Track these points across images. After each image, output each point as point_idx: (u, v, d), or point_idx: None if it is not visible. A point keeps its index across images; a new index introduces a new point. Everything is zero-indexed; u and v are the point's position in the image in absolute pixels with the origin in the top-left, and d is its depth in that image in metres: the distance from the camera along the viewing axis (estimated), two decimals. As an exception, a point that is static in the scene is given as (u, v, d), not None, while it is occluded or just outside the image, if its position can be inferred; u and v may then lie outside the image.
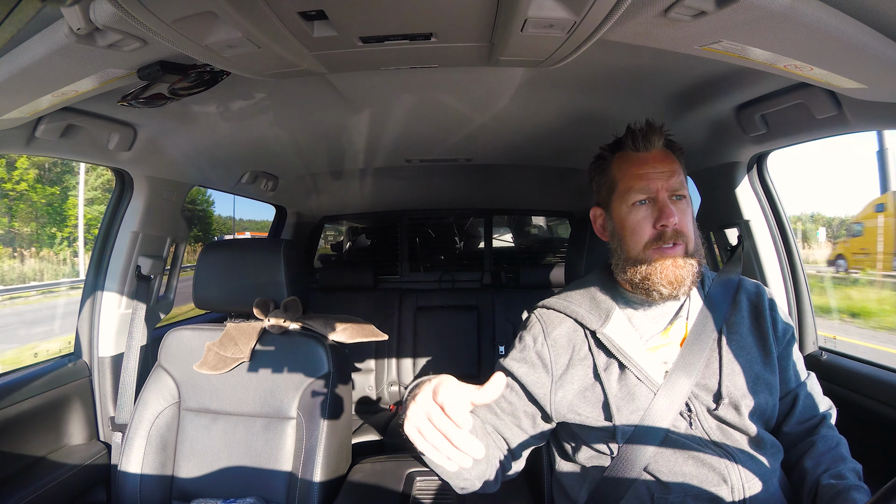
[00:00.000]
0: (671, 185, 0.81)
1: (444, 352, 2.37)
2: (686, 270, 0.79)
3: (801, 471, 0.78)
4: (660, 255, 0.80)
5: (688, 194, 0.84)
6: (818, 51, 0.64)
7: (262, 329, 1.21)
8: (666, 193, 0.81)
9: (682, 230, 0.80)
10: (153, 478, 1.14)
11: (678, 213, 0.80)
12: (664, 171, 0.81)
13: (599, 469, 0.81)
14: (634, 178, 0.83)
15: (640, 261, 0.81)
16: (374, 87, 1.06)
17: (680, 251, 0.80)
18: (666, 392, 0.79)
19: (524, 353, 0.88)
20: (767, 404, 0.80)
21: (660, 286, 0.79)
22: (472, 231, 3.14)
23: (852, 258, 8.35)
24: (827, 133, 1.01)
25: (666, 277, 0.79)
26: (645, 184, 0.81)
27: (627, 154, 0.86)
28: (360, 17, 0.61)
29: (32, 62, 0.67)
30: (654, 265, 0.80)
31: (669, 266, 0.79)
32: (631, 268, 0.82)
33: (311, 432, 1.11)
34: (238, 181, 1.81)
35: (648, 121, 0.85)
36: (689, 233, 0.81)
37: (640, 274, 0.81)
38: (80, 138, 1.11)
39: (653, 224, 0.81)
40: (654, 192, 0.81)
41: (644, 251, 0.81)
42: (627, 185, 0.83)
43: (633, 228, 0.82)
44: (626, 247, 0.83)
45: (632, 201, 0.82)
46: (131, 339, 1.40)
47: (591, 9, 0.55)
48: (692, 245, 0.81)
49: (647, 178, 0.81)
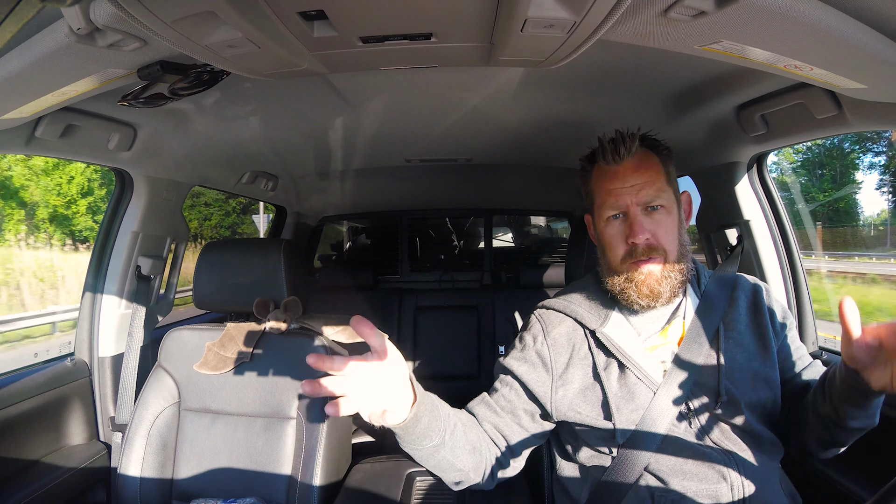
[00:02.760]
0: (641, 198, 0.80)
1: (443, 352, 2.37)
2: (664, 283, 0.79)
3: (813, 392, 0.78)
4: (635, 269, 0.80)
5: (668, 202, 0.82)
6: (818, 51, 0.64)
7: (262, 329, 1.21)
8: (638, 208, 0.80)
9: (656, 244, 0.80)
10: (153, 478, 1.14)
11: (652, 226, 0.80)
12: (635, 185, 0.80)
13: (600, 469, 0.81)
14: (606, 193, 0.83)
15: (618, 273, 0.82)
16: (374, 87, 1.06)
17: (656, 264, 0.79)
18: (665, 391, 0.79)
19: (524, 353, 0.88)
20: (768, 399, 0.81)
21: (637, 298, 0.80)
22: (472, 231, 3.13)
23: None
24: (827, 133, 1.01)
25: (641, 291, 0.79)
26: (614, 199, 0.81)
27: (601, 167, 0.85)
28: (360, 17, 0.61)
29: (32, 62, 0.67)
30: (631, 279, 0.80)
31: (644, 280, 0.79)
32: (611, 278, 0.83)
33: (311, 432, 1.11)
34: (238, 181, 1.81)
35: (618, 131, 0.83)
36: (666, 244, 0.80)
37: (618, 286, 0.82)
38: (80, 138, 1.11)
39: (624, 239, 0.81)
40: (625, 208, 0.81)
41: (621, 264, 0.81)
42: (602, 199, 0.84)
43: (610, 242, 0.83)
44: (607, 258, 0.84)
45: (606, 216, 0.83)
46: (131, 339, 1.40)
47: (591, 9, 0.55)
48: (673, 255, 0.80)
49: (616, 194, 0.81)
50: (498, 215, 2.98)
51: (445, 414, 0.76)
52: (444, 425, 0.74)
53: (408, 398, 0.68)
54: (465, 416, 0.85)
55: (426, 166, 1.86)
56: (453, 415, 0.79)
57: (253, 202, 11.61)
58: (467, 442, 0.79)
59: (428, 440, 0.72)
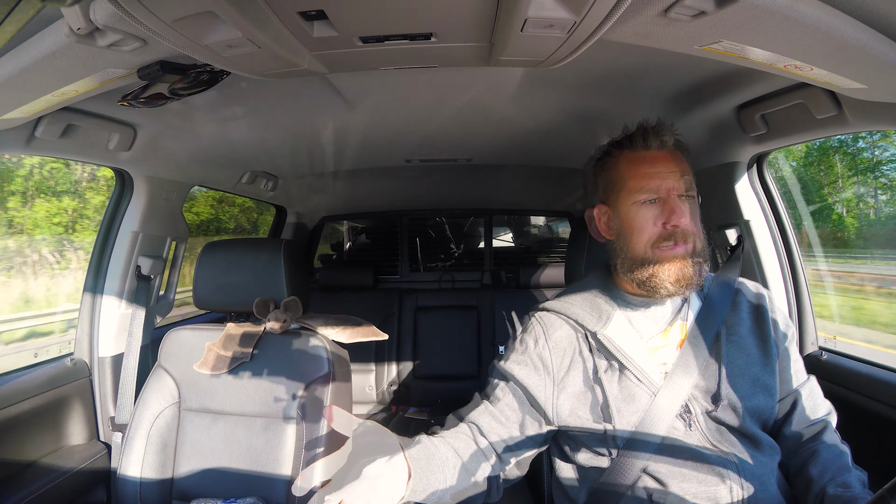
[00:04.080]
0: (681, 185, 0.81)
1: (443, 352, 2.38)
2: (693, 269, 0.79)
3: (807, 478, 0.78)
4: (666, 254, 0.79)
5: (696, 194, 0.83)
6: (818, 51, 0.64)
7: (263, 329, 1.21)
8: (676, 193, 0.80)
9: (691, 230, 0.80)
10: (153, 478, 1.14)
11: (687, 214, 0.80)
12: (674, 171, 0.81)
13: (598, 470, 0.81)
14: (644, 177, 0.81)
15: (646, 259, 0.81)
16: (374, 87, 1.06)
17: (688, 250, 0.79)
18: (665, 393, 0.79)
19: (525, 356, 0.88)
20: (766, 406, 0.80)
21: (666, 283, 0.79)
22: (472, 231, 3.13)
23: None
24: (827, 133, 1.01)
25: (673, 275, 0.79)
26: (656, 183, 0.80)
27: (635, 152, 0.84)
28: (360, 17, 0.61)
29: (32, 62, 0.67)
30: (662, 263, 0.79)
31: (677, 264, 0.79)
32: (638, 266, 0.82)
33: (311, 432, 1.11)
34: (238, 181, 1.81)
35: (660, 119, 0.84)
36: (698, 233, 0.81)
37: (646, 272, 0.80)
38: (80, 138, 1.11)
39: (662, 224, 0.80)
40: (664, 192, 0.80)
41: (651, 249, 0.80)
42: (637, 184, 0.82)
43: (641, 227, 0.82)
44: (632, 245, 0.83)
45: (641, 199, 0.82)
46: (131, 339, 1.40)
47: (591, 9, 0.55)
48: (700, 244, 0.81)
49: (657, 178, 0.81)
50: (498, 215, 2.98)
51: (440, 466, 0.76)
52: (441, 477, 0.76)
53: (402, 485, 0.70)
54: (449, 452, 0.82)
55: (426, 166, 1.86)
56: (450, 458, 0.80)
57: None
58: (468, 473, 0.81)
59: (431, 497, 0.74)
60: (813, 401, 0.85)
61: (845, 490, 0.73)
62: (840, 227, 3.73)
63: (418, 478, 0.72)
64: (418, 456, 0.74)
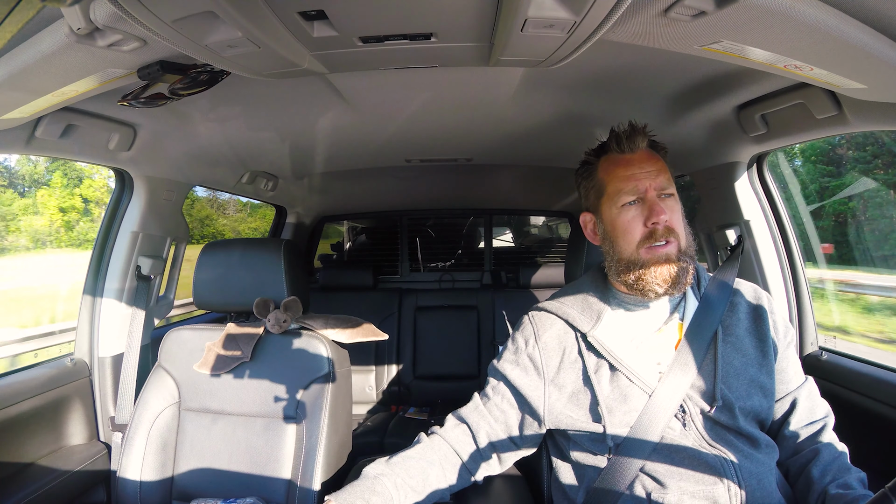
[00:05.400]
0: (658, 183, 0.82)
1: (443, 351, 2.37)
2: (680, 268, 0.80)
3: (807, 479, 0.78)
4: (652, 255, 0.80)
5: (675, 192, 0.84)
6: (818, 51, 0.64)
7: (263, 329, 1.21)
8: (654, 192, 0.81)
9: (673, 227, 0.81)
10: (153, 478, 1.14)
11: (667, 211, 0.80)
12: (651, 171, 0.82)
13: (595, 470, 0.81)
14: (622, 179, 0.83)
15: (634, 262, 0.81)
16: (374, 87, 1.06)
17: (672, 248, 0.80)
18: (661, 393, 0.79)
19: (517, 356, 0.89)
20: (762, 407, 0.81)
21: (654, 285, 0.80)
22: (472, 231, 3.14)
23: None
24: (827, 133, 1.01)
25: (661, 276, 0.79)
26: (633, 184, 0.82)
27: (613, 156, 0.86)
28: (360, 17, 0.61)
29: (32, 62, 0.67)
30: (647, 266, 0.80)
31: (663, 265, 0.79)
32: (625, 270, 0.83)
33: (311, 432, 1.11)
34: (238, 181, 1.81)
35: (631, 122, 0.85)
36: (680, 230, 0.82)
37: (633, 275, 0.81)
38: (80, 138, 1.11)
39: (643, 223, 0.81)
40: (643, 192, 0.81)
41: (636, 251, 0.81)
42: (616, 187, 0.83)
43: (625, 229, 0.83)
44: (619, 248, 0.84)
45: (621, 203, 0.83)
46: (131, 339, 1.40)
47: (591, 9, 0.55)
48: (684, 242, 0.82)
49: (634, 179, 0.82)
50: (498, 215, 2.98)
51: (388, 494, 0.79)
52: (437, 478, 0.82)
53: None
54: (459, 442, 0.89)
55: (426, 166, 1.86)
56: (450, 457, 0.87)
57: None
58: (467, 472, 0.88)
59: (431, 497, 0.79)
60: (811, 401, 0.85)
61: (846, 491, 0.73)
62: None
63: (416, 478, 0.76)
64: (406, 464, 0.81)
